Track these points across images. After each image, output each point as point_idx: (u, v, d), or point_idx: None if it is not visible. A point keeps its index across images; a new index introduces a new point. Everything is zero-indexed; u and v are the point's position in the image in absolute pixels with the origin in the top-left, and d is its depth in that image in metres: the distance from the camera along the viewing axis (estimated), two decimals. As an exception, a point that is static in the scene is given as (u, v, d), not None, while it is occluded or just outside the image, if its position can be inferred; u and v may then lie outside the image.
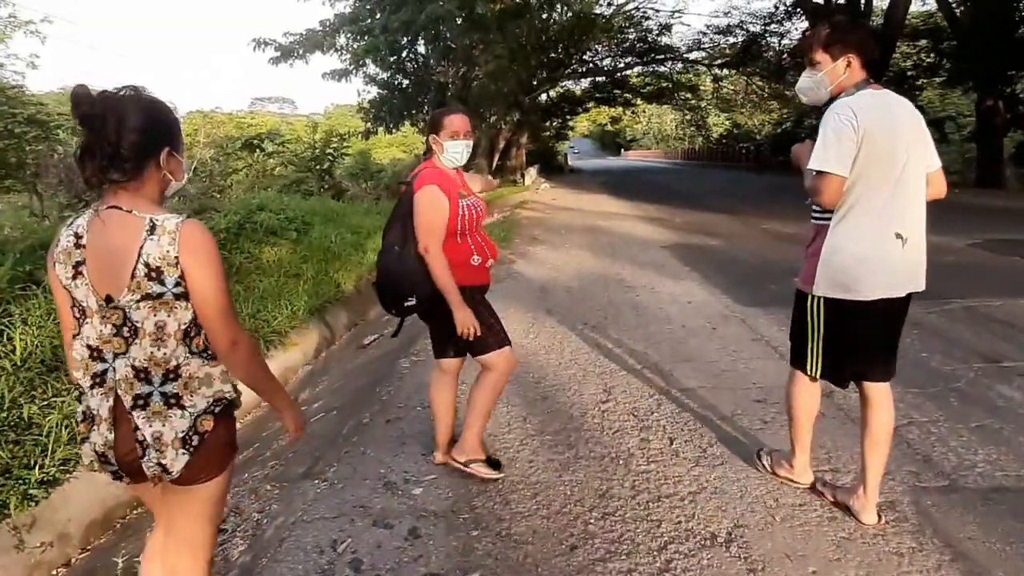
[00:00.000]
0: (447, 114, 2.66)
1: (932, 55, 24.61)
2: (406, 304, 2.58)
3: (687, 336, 4.69)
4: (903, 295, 2.15)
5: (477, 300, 2.65)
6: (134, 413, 1.50)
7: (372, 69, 17.51)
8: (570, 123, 53.16)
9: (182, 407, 1.52)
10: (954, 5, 20.08)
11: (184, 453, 1.51)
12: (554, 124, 46.74)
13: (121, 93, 1.49)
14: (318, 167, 21.43)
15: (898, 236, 2.06)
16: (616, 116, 68.42)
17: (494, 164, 30.37)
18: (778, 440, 2.96)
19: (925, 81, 26.43)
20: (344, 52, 15.71)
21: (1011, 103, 19.38)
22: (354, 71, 16.13)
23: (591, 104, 46.64)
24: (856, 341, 2.21)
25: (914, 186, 2.10)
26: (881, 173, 2.04)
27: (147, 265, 1.44)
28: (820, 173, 2.07)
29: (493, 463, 2.86)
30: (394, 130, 21.52)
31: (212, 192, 16.01)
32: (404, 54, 16.29)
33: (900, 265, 2.09)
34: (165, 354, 1.50)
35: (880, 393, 2.27)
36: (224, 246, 8.11)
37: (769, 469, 2.63)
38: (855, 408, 2.70)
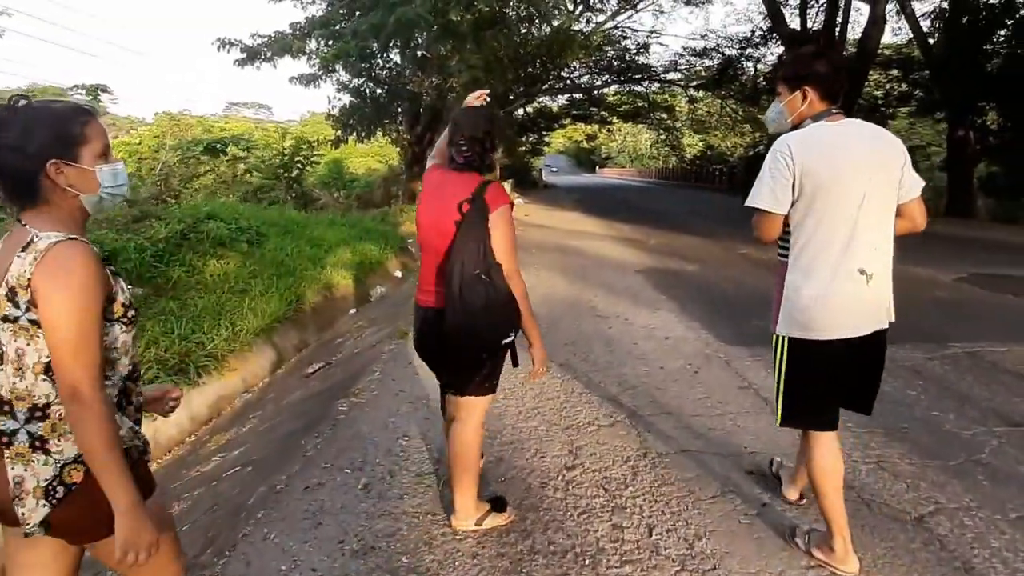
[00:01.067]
0: None
1: (904, 84, 24.86)
2: (504, 342, 2.30)
3: (666, 381, 4.14)
4: (868, 333, 2.06)
5: None
6: (6, 451, 1.37)
7: (344, 76, 16.88)
8: (546, 139, 53.05)
9: (47, 452, 1.36)
10: (928, 35, 20.22)
11: (44, 505, 1.34)
12: (530, 139, 46.54)
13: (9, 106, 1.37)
14: (286, 175, 20.71)
15: (862, 272, 1.98)
16: (592, 133, 68.78)
17: (468, 177, 29.90)
18: (780, 529, 2.42)
19: (894, 110, 26.71)
20: (314, 57, 15.05)
21: (982, 134, 19.50)
22: (323, 77, 15.46)
23: (567, 121, 46.63)
24: (821, 383, 2.11)
25: (878, 219, 2.02)
26: (833, 208, 1.98)
27: (7, 283, 1.33)
28: (756, 210, 2.07)
29: (498, 505, 2.58)
30: (366, 140, 20.89)
31: (166, 197, 15.21)
32: (376, 61, 15.68)
33: (863, 304, 2.02)
34: (26, 386, 1.35)
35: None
36: (162, 258, 7.41)
37: (805, 549, 2.28)
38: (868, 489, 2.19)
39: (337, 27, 15.02)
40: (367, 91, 16.99)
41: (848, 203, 1.96)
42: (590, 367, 4.45)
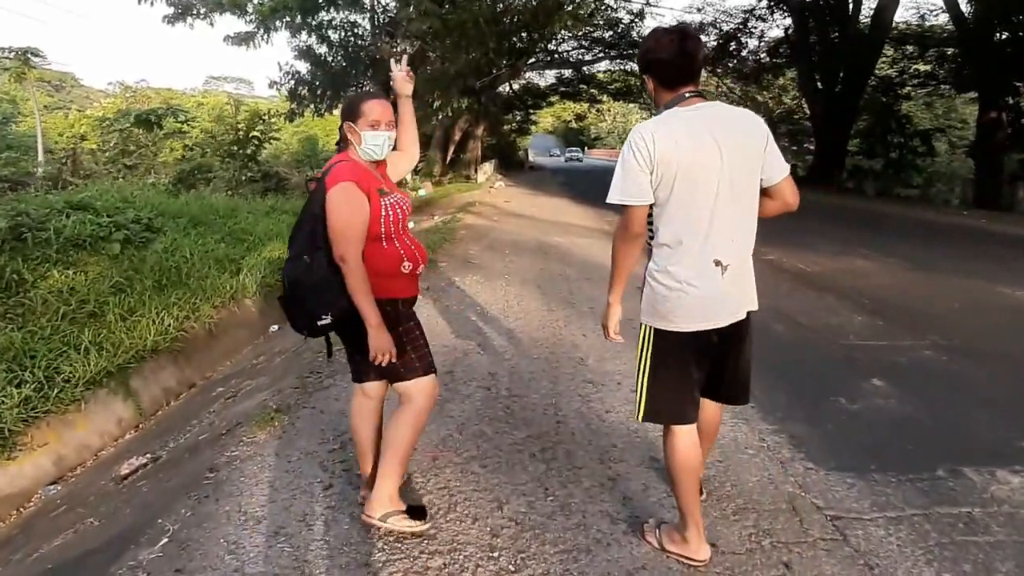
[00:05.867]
0: (365, 99, 2.29)
1: (926, 62, 22.71)
2: (319, 323, 2.19)
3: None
4: (725, 325, 1.98)
5: (408, 315, 2.37)
6: None
7: (292, 37, 14.48)
8: (533, 117, 50.59)
9: None
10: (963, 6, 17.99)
11: None
12: (516, 118, 44.10)
13: None
14: (241, 152, 18.34)
15: (717, 264, 1.92)
16: (581, 113, 66.11)
17: (448, 157, 27.56)
18: None
19: (911, 89, 24.60)
20: (251, 14, 12.65)
21: (1016, 116, 17.45)
22: (263, 36, 13.05)
23: (555, 98, 44.15)
24: (683, 375, 2.03)
25: (736, 207, 1.93)
26: (688, 197, 1.90)
27: None
28: (623, 206, 1.98)
29: (416, 511, 2.41)
30: (325, 112, 18.53)
31: (69, 178, 12.81)
32: (324, 17, 13.29)
33: (719, 295, 1.94)
34: None
35: (708, 402, 2.20)
36: (-44, 272, 5.15)
37: (658, 545, 2.20)
38: None
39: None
40: (319, 56, 14.59)
41: (702, 192, 1.89)
42: (572, 532, 2.30)
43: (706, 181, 1.88)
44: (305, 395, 3.75)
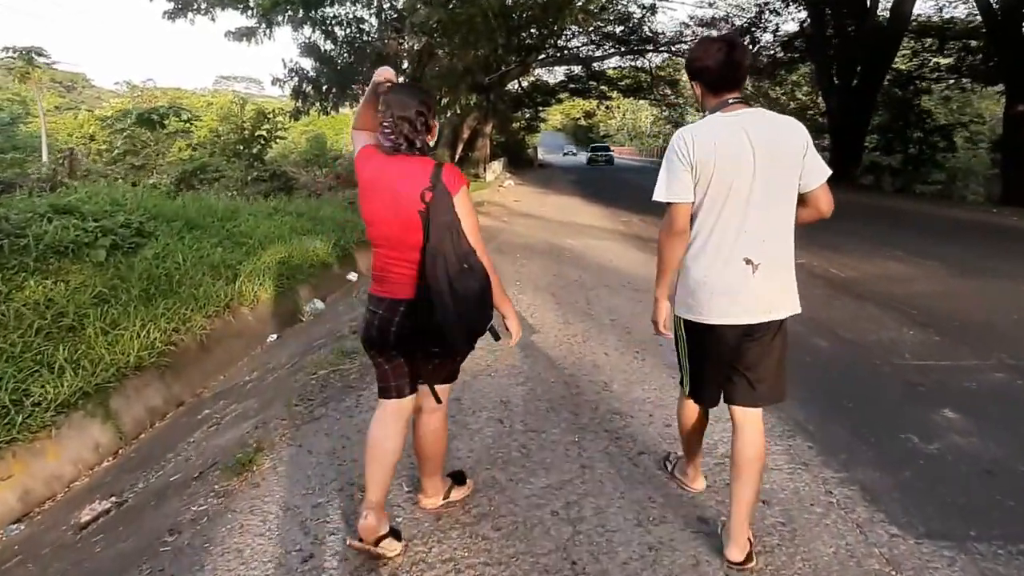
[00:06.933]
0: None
1: (947, 55, 22.00)
2: (489, 327, 2.16)
3: None
4: (756, 322, 2.01)
5: None
6: None
7: (295, 31, 14.05)
8: (542, 115, 50.05)
9: None
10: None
11: None
12: (525, 116, 43.62)
13: None
14: (247, 151, 17.94)
15: (748, 262, 1.97)
16: (590, 110, 65.42)
17: (456, 155, 27.11)
18: None
19: (930, 83, 23.88)
20: (252, 8, 12.22)
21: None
22: (265, 31, 12.61)
23: (564, 95, 43.62)
24: (710, 363, 2.13)
25: (769, 210, 1.97)
26: (721, 198, 1.96)
27: None
28: (667, 205, 2.06)
29: (459, 479, 2.61)
30: (331, 111, 18.10)
31: (64, 179, 12.45)
32: (327, 11, 12.83)
33: (749, 292, 1.98)
34: None
35: (744, 417, 2.12)
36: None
37: (669, 471, 2.67)
38: None
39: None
40: (324, 51, 14.15)
41: (736, 192, 1.95)
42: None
43: (739, 182, 1.94)
44: (292, 428, 3.29)
